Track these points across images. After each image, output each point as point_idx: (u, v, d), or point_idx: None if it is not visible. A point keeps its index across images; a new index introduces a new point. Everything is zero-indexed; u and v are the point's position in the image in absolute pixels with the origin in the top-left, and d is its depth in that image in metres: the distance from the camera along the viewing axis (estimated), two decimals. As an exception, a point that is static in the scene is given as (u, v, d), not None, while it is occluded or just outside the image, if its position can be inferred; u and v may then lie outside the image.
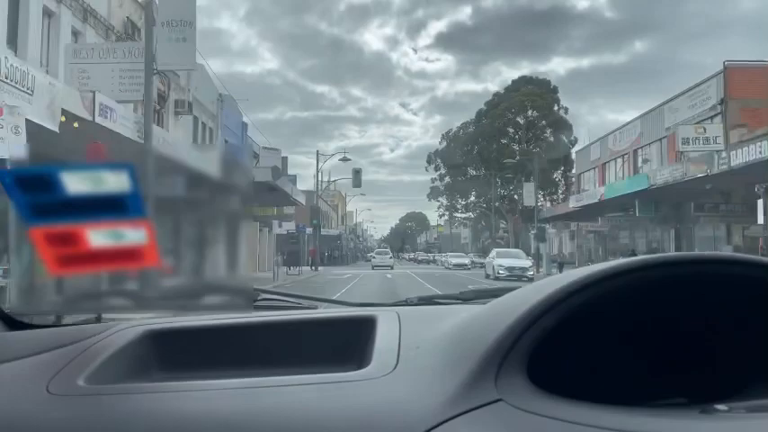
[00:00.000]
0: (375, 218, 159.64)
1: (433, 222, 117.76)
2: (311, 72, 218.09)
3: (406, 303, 1.48)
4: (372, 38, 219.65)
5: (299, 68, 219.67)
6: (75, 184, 0.92)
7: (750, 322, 0.99)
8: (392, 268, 41.53)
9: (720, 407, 0.86)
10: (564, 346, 0.97)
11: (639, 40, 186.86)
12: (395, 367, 0.90)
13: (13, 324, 1.13)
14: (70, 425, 0.82)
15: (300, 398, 0.85)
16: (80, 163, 0.96)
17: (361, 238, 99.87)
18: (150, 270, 1.06)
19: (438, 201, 64.78)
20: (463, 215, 68.67)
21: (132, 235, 0.98)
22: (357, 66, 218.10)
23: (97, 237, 0.97)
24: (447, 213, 67.48)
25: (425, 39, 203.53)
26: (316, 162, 43.31)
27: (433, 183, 62.21)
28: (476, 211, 62.63)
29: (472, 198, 61.83)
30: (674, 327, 1.05)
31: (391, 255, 47.48)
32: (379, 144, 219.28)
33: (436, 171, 60.87)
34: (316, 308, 1.39)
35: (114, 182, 0.93)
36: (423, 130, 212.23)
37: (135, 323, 1.09)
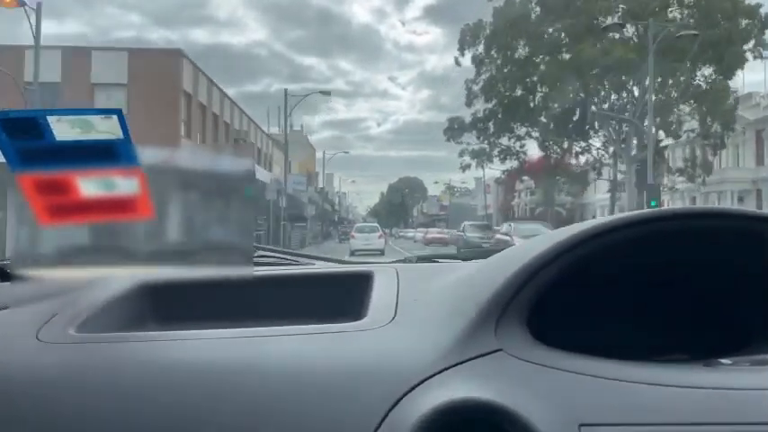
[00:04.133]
0: (361, 192, 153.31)
1: (432, 191, 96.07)
2: (298, 44, 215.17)
3: (406, 261, 1.46)
4: (360, 9, 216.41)
5: (286, 40, 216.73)
6: (65, 129, 0.89)
7: (755, 278, 0.98)
8: (383, 253, 26.06)
9: (724, 361, 0.86)
10: (567, 300, 0.95)
11: None
12: (393, 318, 0.89)
13: (3, 275, 1.12)
14: (60, 372, 0.81)
15: (297, 347, 0.84)
16: (70, 108, 0.93)
17: (337, 207, 75.51)
18: (144, 224, 1.04)
19: (462, 143, 35.62)
20: (503, 167, 37.86)
21: (124, 184, 0.95)
22: (345, 38, 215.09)
23: (88, 185, 0.94)
24: (478, 161, 36.87)
25: (414, 11, 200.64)
26: (284, 104, 32.76)
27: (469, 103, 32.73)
28: (517, 158, 34.69)
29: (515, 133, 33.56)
30: (677, 282, 1.04)
31: (381, 233, 29.44)
32: (367, 118, 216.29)
33: (479, 65, 31.69)
34: (313, 265, 1.38)
35: (105, 127, 0.90)
36: (410, 105, 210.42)
37: (129, 276, 1.07)
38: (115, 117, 0.90)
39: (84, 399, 0.77)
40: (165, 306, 1.05)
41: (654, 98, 23.53)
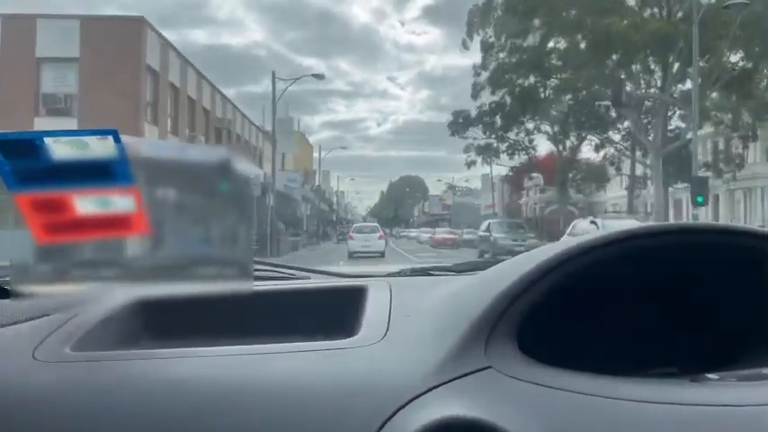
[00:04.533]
0: (361, 192, 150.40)
1: (433, 190, 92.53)
2: (298, 44, 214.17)
3: (399, 274, 1.48)
4: (360, 10, 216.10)
5: (285, 40, 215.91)
6: (61, 149, 0.91)
7: (743, 292, 0.99)
8: (383, 255, 25.06)
9: (711, 376, 0.87)
10: (556, 315, 0.97)
11: None
12: (384, 335, 0.90)
13: (3, 291, 1.13)
14: (57, 391, 0.82)
15: (289, 365, 0.85)
16: (65, 129, 0.95)
17: (335, 206, 71.47)
18: (141, 239, 1.05)
19: (467, 138, 33.98)
20: (507, 161, 35.83)
21: (120, 203, 0.97)
22: (344, 39, 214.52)
23: (84, 204, 0.96)
24: (484, 158, 35.65)
25: (413, 11, 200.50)
26: (272, 89, 27.64)
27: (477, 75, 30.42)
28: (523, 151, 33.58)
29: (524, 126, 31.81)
30: (667, 297, 1.05)
31: (381, 233, 27.37)
32: (366, 119, 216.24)
33: (487, 52, 29.25)
34: (308, 279, 1.40)
35: (101, 148, 0.92)
36: (410, 105, 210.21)
37: (124, 292, 1.08)
38: (111, 138, 0.92)
39: (80, 418, 0.78)
40: (160, 322, 1.06)
41: (697, 79, 19.88)
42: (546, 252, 0.92)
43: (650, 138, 24.83)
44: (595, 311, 1.04)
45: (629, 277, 0.99)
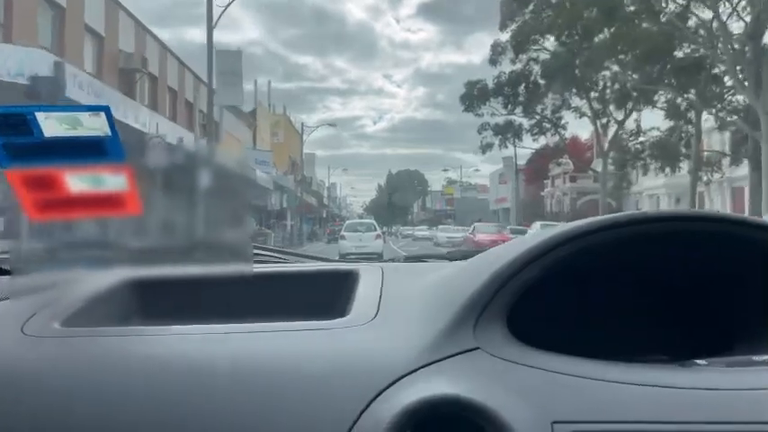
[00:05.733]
0: (357, 192, 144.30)
1: (434, 186, 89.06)
2: (293, 42, 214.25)
3: (393, 260, 1.48)
4: (355, 7, 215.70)
5: (281, 38, 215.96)
6: (53, 125, 0.90)
7: (737, 281, 0.99)
8: (380, 256, 16.99)
9: (700, 362, 0.87)
10: (547, 300, 0.97)
11: None
12: (374, 316, 0.90)
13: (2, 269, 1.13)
14: (45, 366, 0.82)
15: (279, 343, 0.85)
16: (58, 105, 0.94)
17: (326, 201, 62.57)
18: (135, 222, 1.05)
19: (482, 115, 27.52)
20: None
21: (112, 181, 0.97)
22: (340, 36, 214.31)
23: (76, 181, 0.95)
24: (501, 139, 28.47)
25: (408, 8, 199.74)
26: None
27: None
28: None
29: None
30: (660, 284, 1.05)
31: (378, 232, 23.52)
32: (362, 116, 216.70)
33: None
34: (302, 263, 1.40)
35: (93, 124, 0.91)
36: (406, 103, 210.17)
37: (115, 271, 1.08)
38: (103, 114, 0.91)
39: (68, 393, 0.78)
40: (151, 302, 1.06)
41: None
42: (538, 237, 0.91)
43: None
44: (587, 298, 1.04)
45: (622, 264, 0.99)
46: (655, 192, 34.57)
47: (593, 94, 25.83)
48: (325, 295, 1.08)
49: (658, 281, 1.05)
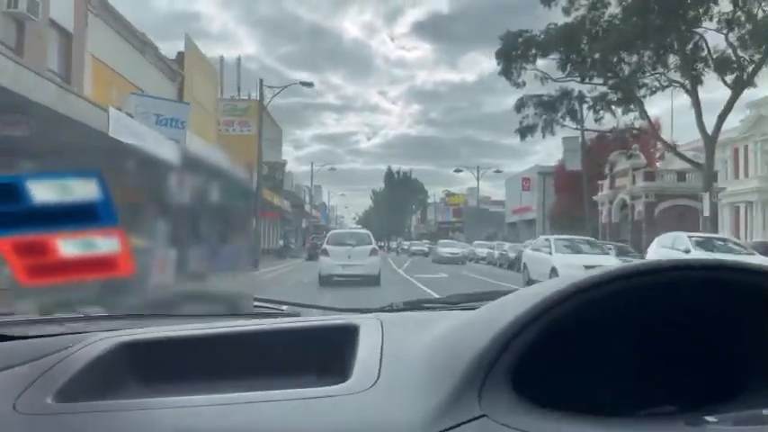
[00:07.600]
0: (350, 205, 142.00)
1: (432, 198, 79.97)
2: (289, 58, 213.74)
3: (392, 309, 1.45)
4: (350, 25, 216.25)
5: (276, 54, 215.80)
6: (43, 192, 0.89)
7: (743, 328, 0.97)
8: (378, 282, 15.94)
9: (709, 418, 0.85)
10: (552, 355, 0.94)
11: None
12: (376, 380, 0.88)
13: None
14: None
15: (279, 414, 0.83)
16: (47, 171, 0.93)
17: (307, 206, 53.70)
18: (126, 279, 1.03)
19: (520, 86, 20.19)
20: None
21: (104, 244, 0.95)
22: (336, 53, 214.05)
23: (68, 246, 0.94)
24: (546, 121, 20.89)
25: (402, 27, 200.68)
26: None
27: None
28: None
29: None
30: (665, 333, 1.03)
31: (374, 245, 17.26)
32: (356, 132, 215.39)
33: None
34: (298, 314, 1.37)
35: (83, 190, 0.90)
36: (400, 120, 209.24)
37: (108, 334, 1.06)
38: (94, 180, 0.90)
39: None
40: (146, 366, 1.04)
41: None
42: (539, 293, 0.89)
43: None
44: (593, 347, 1.02)
45: (629, 314, 0.97)
46: (741, 198, 27.69)
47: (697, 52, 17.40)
48: (325, 352, 1.06)
49: (664, 327, 1.03)
